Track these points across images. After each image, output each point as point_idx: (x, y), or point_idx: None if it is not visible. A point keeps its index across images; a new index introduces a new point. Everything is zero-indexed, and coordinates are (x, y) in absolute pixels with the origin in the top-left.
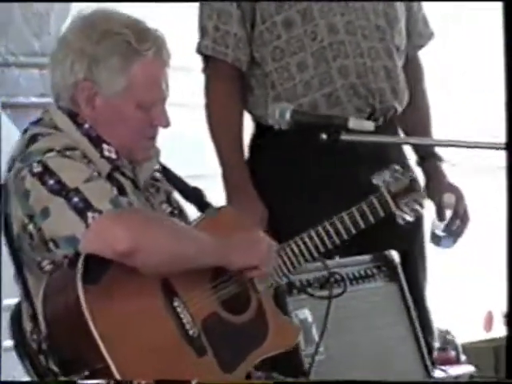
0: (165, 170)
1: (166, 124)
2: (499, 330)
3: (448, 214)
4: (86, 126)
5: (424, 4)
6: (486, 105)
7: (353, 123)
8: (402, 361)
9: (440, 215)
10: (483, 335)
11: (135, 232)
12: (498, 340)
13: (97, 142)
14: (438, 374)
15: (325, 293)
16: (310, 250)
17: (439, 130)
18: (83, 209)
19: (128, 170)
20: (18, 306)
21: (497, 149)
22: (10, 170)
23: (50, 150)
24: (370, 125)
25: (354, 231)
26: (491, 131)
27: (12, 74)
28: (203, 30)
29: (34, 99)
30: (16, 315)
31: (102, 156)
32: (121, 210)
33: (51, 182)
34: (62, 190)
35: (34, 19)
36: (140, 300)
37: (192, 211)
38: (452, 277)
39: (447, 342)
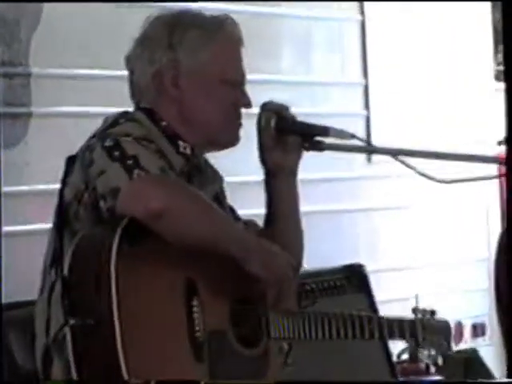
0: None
1: (249, 105)
2: (469, 342)
3: None
4: (164, 123)
5: None
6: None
7: (332, 131)
8: (371, 370)
9: None
10: (453, 347)
11: (172, 196)
12: (468, 351)
13: (173, 138)
14: None
15: None
16: (331, 332)
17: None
18: (132, 166)
19: (203, 166)
20: None
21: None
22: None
23: (128, 135)
24: (347, 134)
25: (372, 336)
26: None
27: None
28: None
29: (0, 109)
30: None
31: (178, 152)
32: (165, 176)
33: (116, 153)
34: (122, 158)
35: (4, 27)
36: (163, 280)
37: None
38: (421, 289)
39: (417, 352)
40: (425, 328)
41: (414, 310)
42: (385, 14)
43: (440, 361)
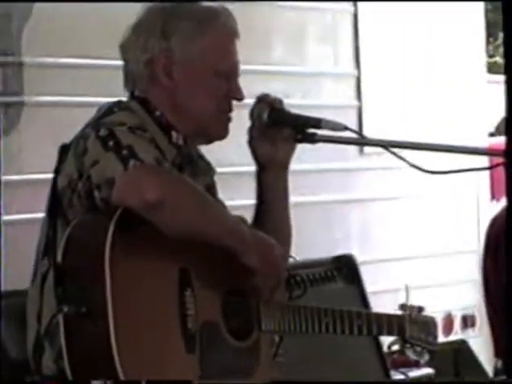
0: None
1: (241, 97)
2: (458, 333)
3: None
4: (157, 113)
5: None
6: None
7: (324, 123)
8: (362, 362)
9: None
10: (442, 338)
11: (168, 187)
12: (458, 343)
13: (166, 128)
14: (397, 376)
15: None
16: (321, 326)
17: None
18: (127, 156)
19: (194, 157)
20: None
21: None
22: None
23: (122, 124)
24: (340, 125)
25: (361, 332)
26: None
27: None
28: None
29: None
30: None
31: (170, 142)
32: (160, 167)
33: (111, 143)
34: (117, 148)
35: None
36: (157, 270)
37: None
38: (411, 280)
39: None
40: (412, 325)
41: (402, 306)
42: (377, 5)
43: (426, 357)
